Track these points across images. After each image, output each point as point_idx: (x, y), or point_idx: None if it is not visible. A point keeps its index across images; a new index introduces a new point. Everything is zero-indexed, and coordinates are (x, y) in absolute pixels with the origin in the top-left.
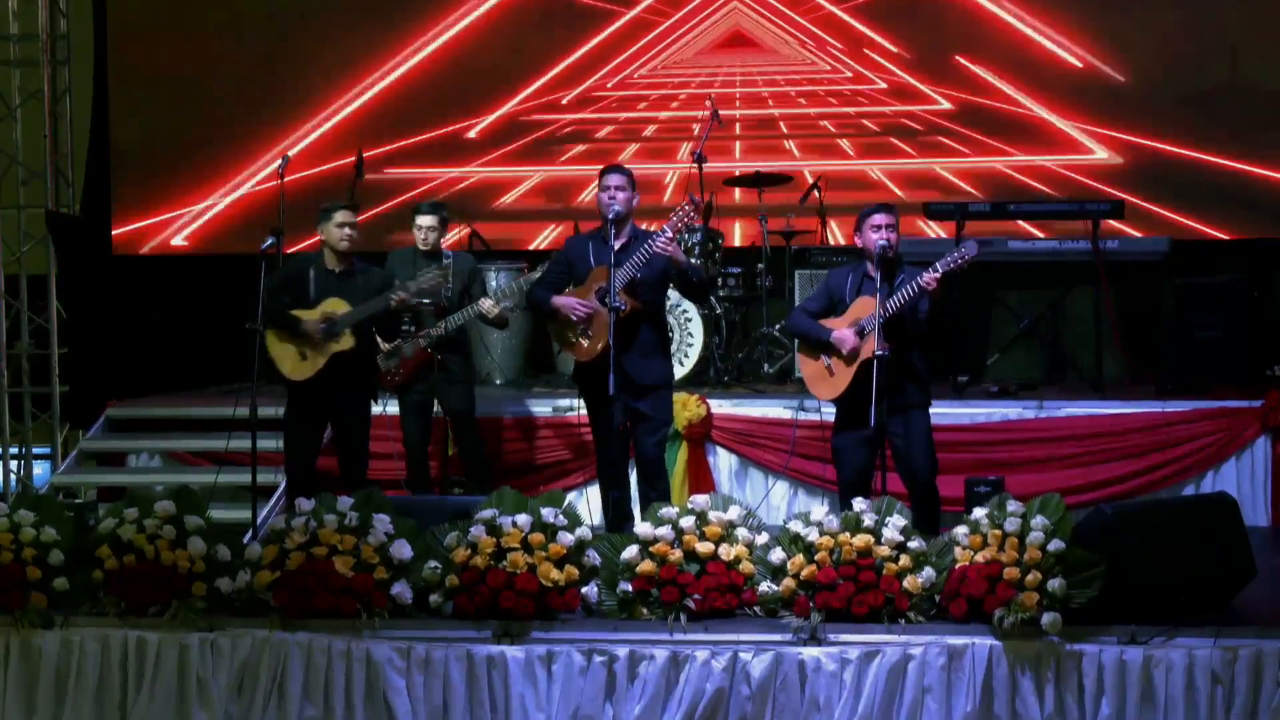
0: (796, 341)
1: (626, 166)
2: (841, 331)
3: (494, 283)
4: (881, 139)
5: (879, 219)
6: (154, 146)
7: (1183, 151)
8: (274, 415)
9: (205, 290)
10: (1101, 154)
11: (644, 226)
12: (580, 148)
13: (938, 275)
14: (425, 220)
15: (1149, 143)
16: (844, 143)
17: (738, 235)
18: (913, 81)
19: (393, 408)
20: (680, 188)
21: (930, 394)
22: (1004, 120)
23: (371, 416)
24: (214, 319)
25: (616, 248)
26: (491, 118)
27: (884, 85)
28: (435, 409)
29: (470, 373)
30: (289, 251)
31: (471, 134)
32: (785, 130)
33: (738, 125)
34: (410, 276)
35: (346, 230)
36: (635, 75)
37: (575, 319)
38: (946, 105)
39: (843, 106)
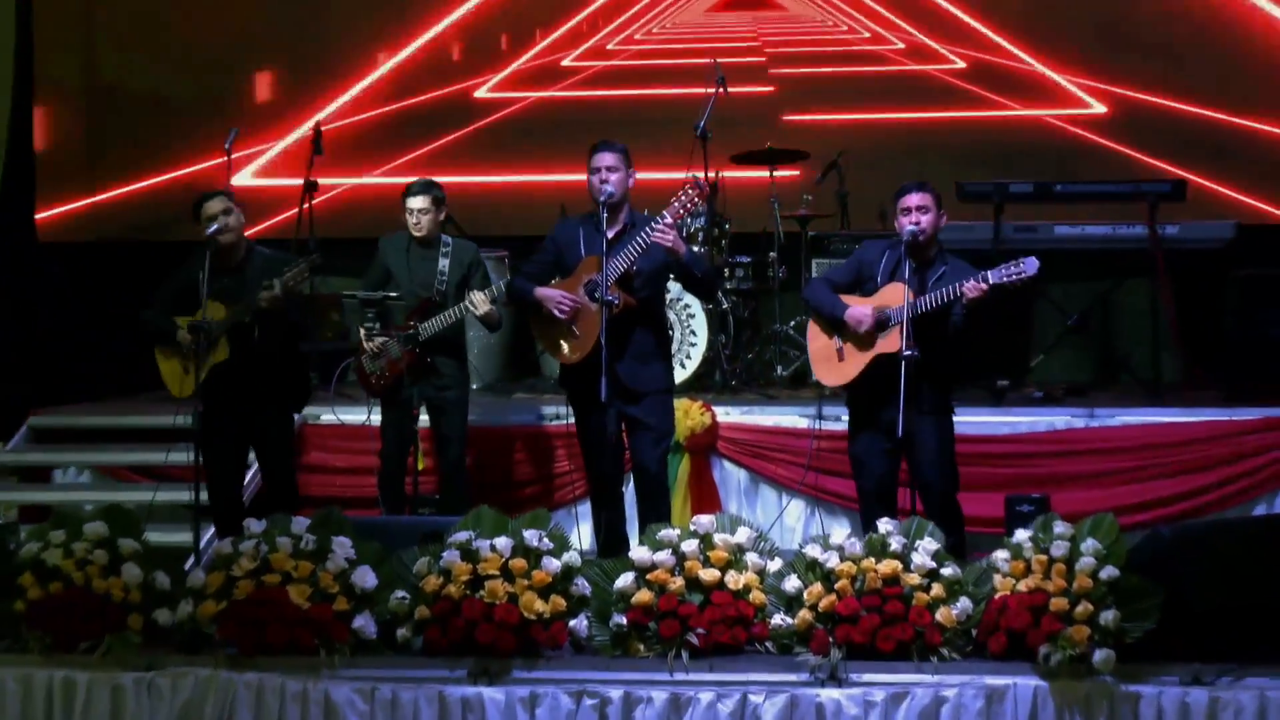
0: (811, 312)
1: (619, 142)
2: (858, 309)
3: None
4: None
5: (910, 199)
6: (87, 120)
7: (1246, 123)
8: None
9: (142, 282)
10: (1149, 128)
11: (646, 211)
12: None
13: (985, 287)
14: (415, 202)
15: (1209, 113)
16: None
17: (747, 220)
18: (929, 42)
19: (375, 416)
20: (682, 165)
21: (950, 400)
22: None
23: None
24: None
25: (610, 235)
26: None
27: (901, 45)
28: (421, 418)
29: (464, 377)
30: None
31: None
32: (796, 93)
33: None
34: (405, 266)
35: (215, 225)
36: (636, 36)
37: (560, 315)
38: (961, 64)
39: (860, 66)
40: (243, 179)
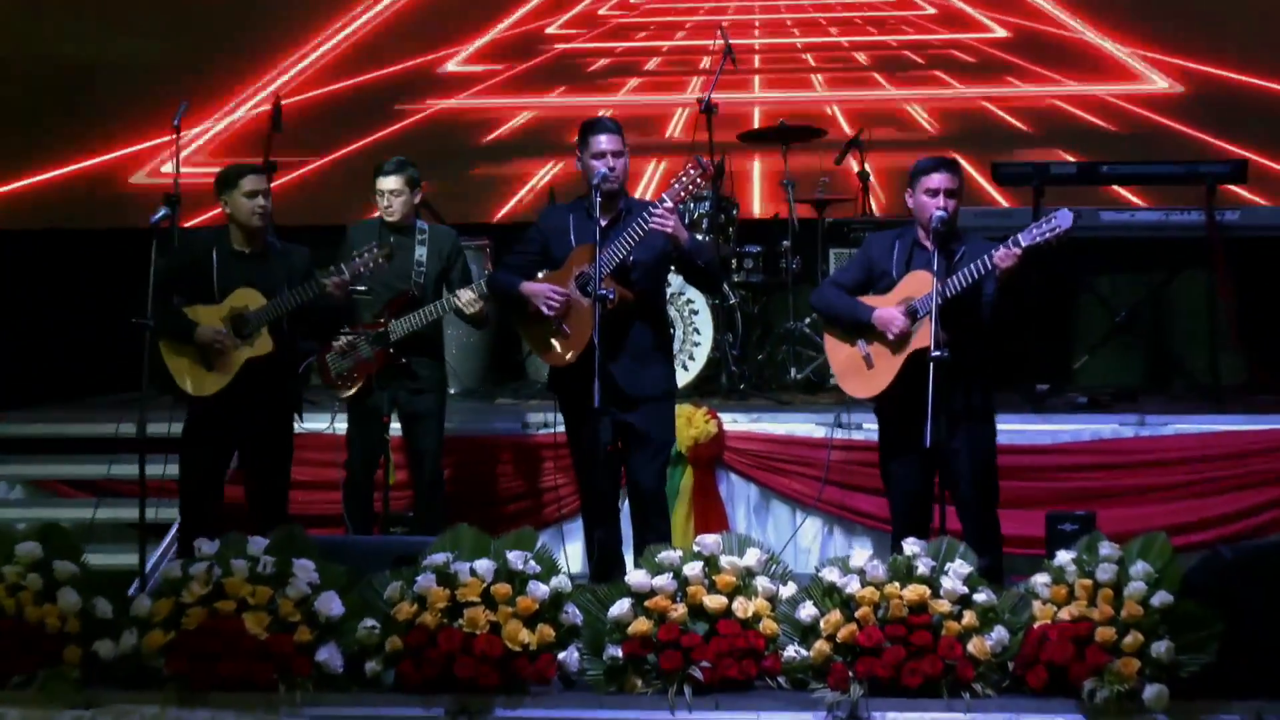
0: (825, 323)
1: (615, 120)
2: (886, 310)
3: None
4: (926, 72)
5: (936, 179)
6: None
7: None
8: (170, 434)
9: (82, 276)
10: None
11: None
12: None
13: (1018, 252)
14: (387, 183)
15: (1273, 85)
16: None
17: (757, 204)
18: (965, 7)
19: (340, 423)
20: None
21: (993, 401)
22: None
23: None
24: (93, 311)
25: (604, 223)
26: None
27: (933, 11)
28: (394, 426)
29: (442, 380)
30: (187, 226)
31: (449, 66)
32: (813, 63)
33: (756, 59)
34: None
35: (259, 201)
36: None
37: (548, 312)
38: (1002, 33)
39: (883, 35)
40: (194, 159)
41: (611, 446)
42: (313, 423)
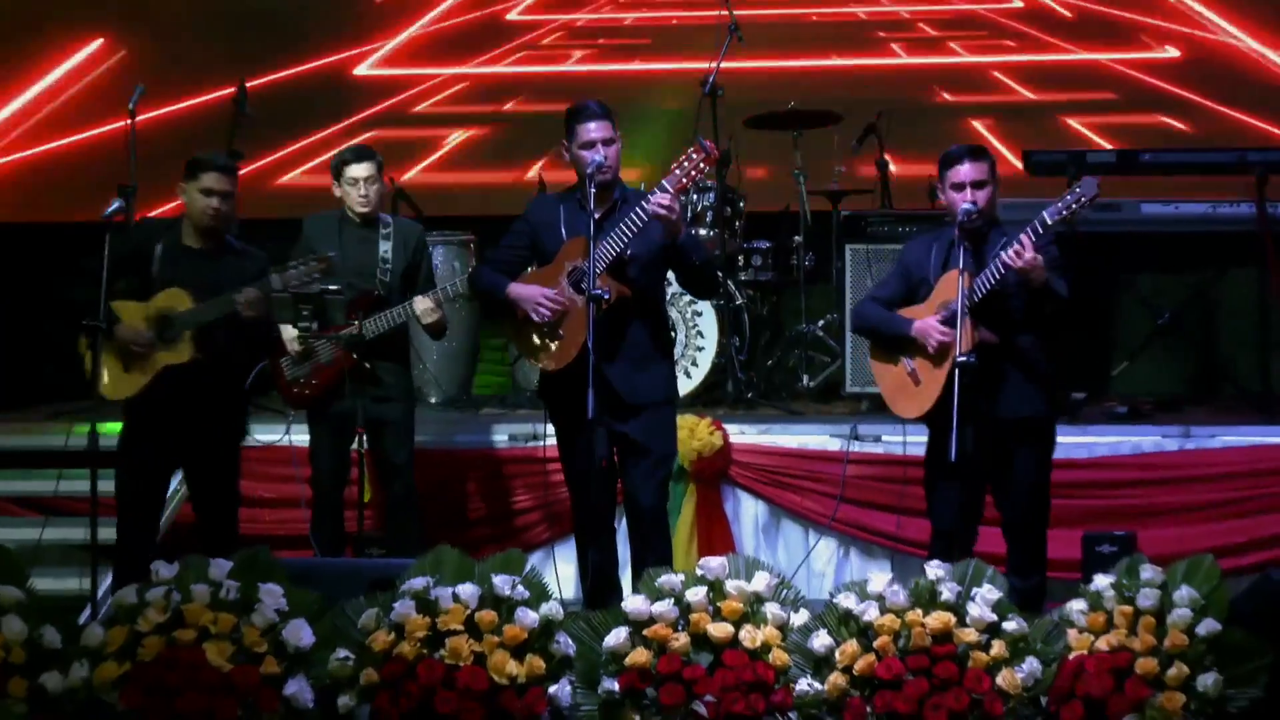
0: (869, 346)
1: (605, 103)
2: (924, 322)
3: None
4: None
5: (965, 171)
6: None
7: None
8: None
9: (28, 273)
10: None
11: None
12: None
13: (1030, 249)
14: (361, 170)
15: None
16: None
17: (766, 195)
18: None
19: (301, 435)
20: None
21: (1055, 404)
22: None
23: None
24: (42, 313)
25: (598, 215)
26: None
27: None
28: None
29: (408, 387)
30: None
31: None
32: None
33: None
34: (337, 251)
35: (213, 202)
36: None
37: (539, 321)
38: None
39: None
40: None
41: (607, 460)
42: (267, 434)
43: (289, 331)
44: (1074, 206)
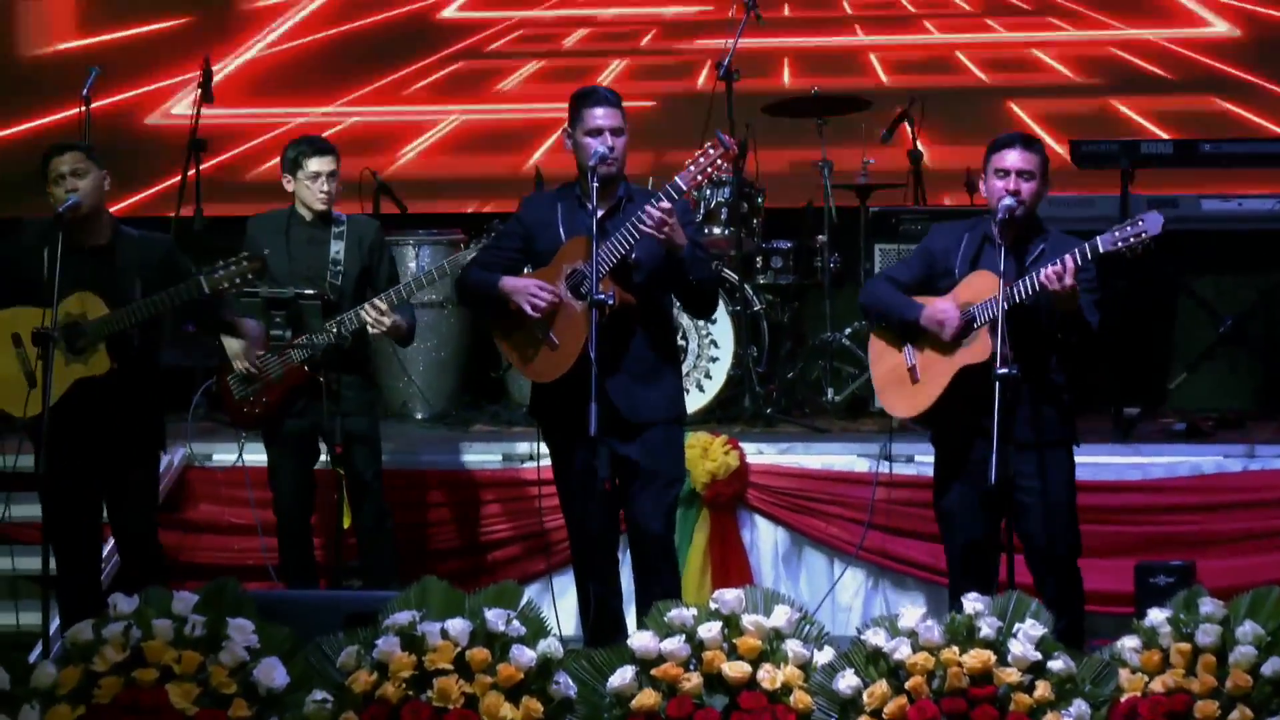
0: (870, 326)
1: (614, 91)
2: (939, 306)
3: (412, 264)
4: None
5: (1012, 157)
6: None
7: None
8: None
9: None
10: None
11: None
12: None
13: (1070, 276)
14: (323, 164)
15: None
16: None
17: (787, 190)
18: None
19: (256, 455)
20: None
21: (1075, 428)
22: None
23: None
24: None
25: (600, 214)
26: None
27: None
28: (322, 456)
29: (370, 400)
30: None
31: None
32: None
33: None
34: (283, 253)
35: (68, 186)
36: None
37: (532, 311)
38: None
39: None
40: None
41: (609, 483)
42: (221, 455)
43: (233, 347)
44: (1131, 241)
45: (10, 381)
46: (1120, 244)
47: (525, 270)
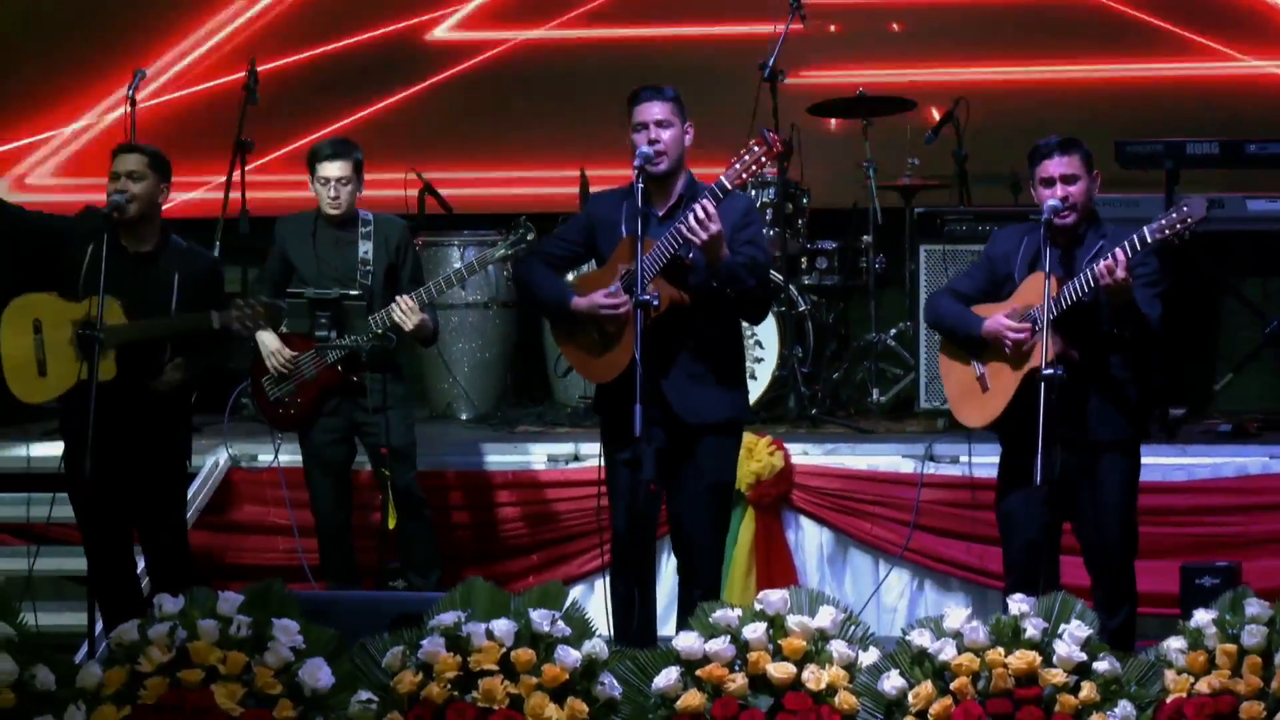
0: (940, 341)
1: (669, 88)
2: (996, 320)
3: (457, 264)
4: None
5: (1053, 165)
6: None
7: None
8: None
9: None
10: None
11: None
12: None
13: (1122, 267)
14: (333, 169)
15: None
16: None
17: (831, 191)
18: None
19: (291, 456)
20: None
21: (1141, 428)
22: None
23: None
24: None
25: (660, 213)
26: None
27: None
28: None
29: (404, 399)
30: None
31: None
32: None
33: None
34: (311, 254)
35: (120, 187)
36: None
37: (605, 314)
38: None
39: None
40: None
41: (656, 484)
42: (266, 454)
43: (268, 346)
44: (1177, 227)
45: (24, 364)
46: (1167, 230)
47: (580, 272)
